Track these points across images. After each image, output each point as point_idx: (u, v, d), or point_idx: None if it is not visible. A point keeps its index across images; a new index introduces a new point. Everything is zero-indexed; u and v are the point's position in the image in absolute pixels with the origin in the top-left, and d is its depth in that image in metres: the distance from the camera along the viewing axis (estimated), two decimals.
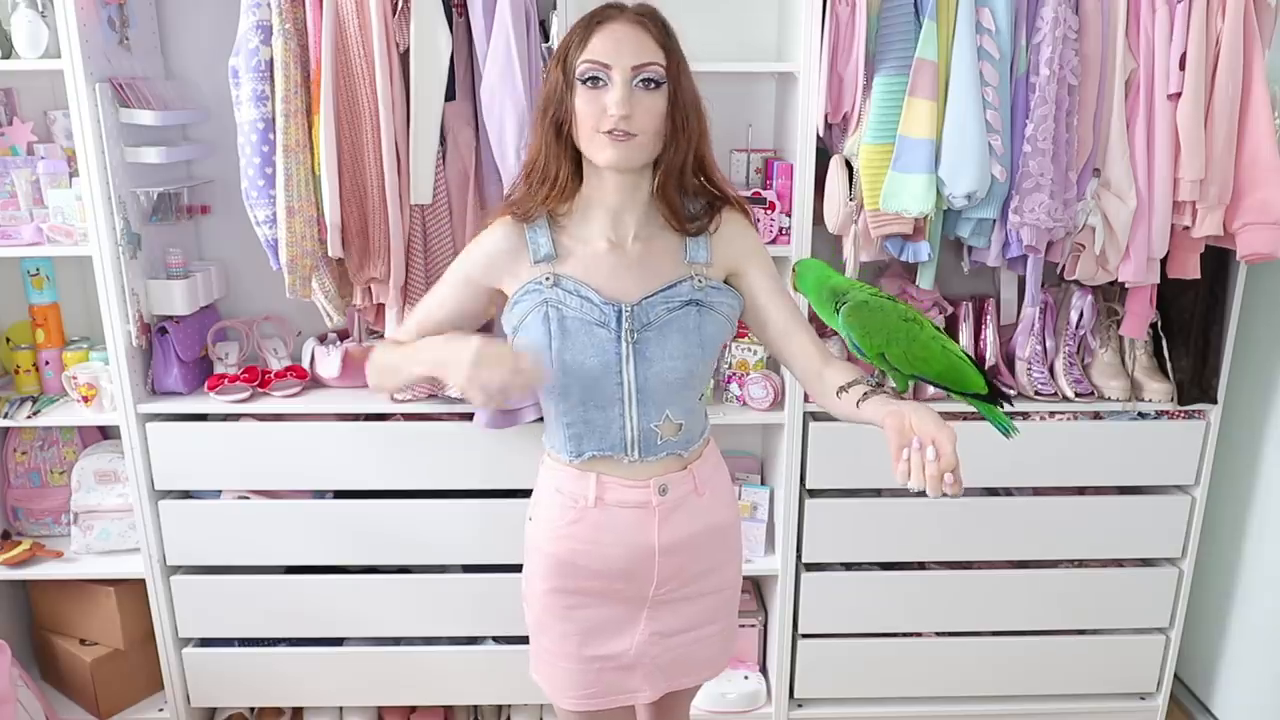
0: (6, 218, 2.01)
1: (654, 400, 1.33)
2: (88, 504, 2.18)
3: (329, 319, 2.00)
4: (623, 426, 1.34)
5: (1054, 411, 2.15)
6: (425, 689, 2.28)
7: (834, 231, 1.99)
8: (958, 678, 2.34)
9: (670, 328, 1.31)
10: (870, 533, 2.20)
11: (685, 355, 1.32)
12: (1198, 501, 2.21)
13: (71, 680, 2.31)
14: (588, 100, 1.24)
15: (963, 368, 1.24)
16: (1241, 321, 2.10)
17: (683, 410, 1.37)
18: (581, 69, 1.24)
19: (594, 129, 1.24)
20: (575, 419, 1.35)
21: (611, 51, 1.23)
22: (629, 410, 1.33)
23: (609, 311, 1.30)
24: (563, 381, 1.31)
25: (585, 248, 1.34)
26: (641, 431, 1.34)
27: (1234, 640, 2.36)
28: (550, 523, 1.40)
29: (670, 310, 1.32)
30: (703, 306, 1.34)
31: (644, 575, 1.39)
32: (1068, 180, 1.90)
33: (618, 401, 1.33)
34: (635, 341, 1.30)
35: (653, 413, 1.34)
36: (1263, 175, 1.86)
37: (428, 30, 1.78)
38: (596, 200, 1.33)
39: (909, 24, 1.84)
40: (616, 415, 1.33)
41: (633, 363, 1.31)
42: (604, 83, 1.23)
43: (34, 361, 2.20)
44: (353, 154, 1.84)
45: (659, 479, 1.37)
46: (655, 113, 1.24)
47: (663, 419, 1.35)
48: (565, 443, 1.37)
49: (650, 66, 1.23)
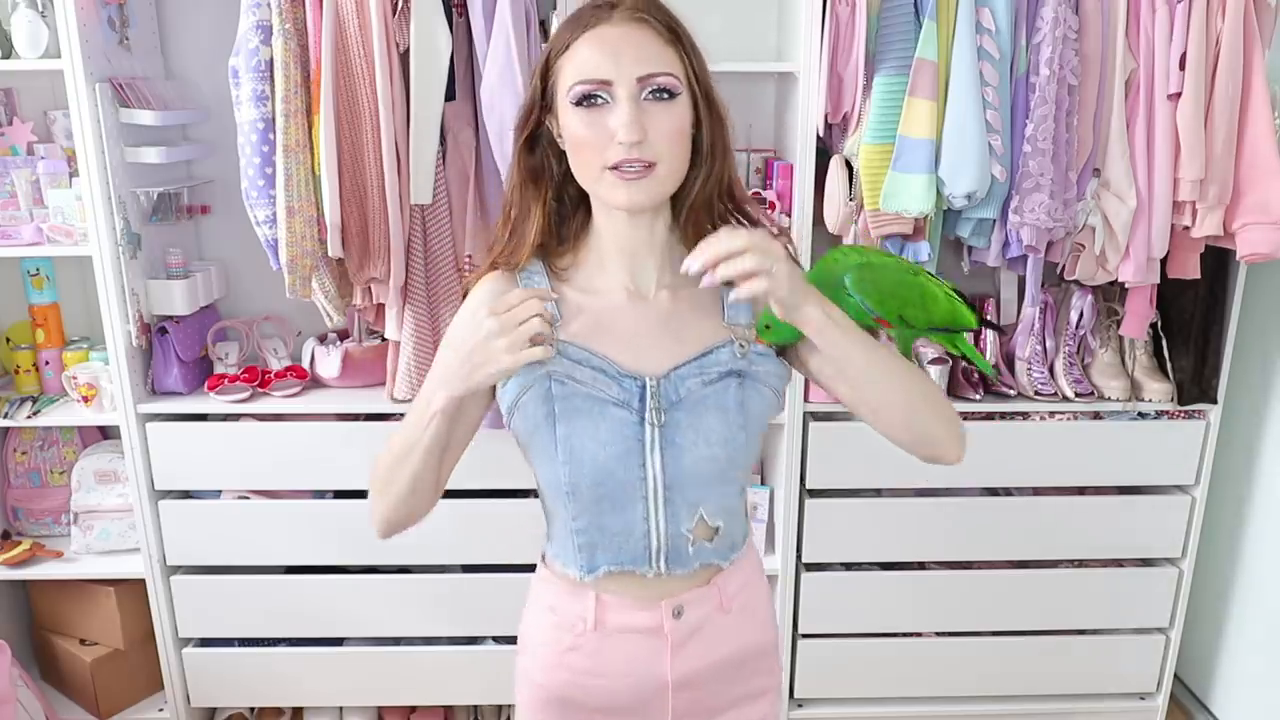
0: (6, 218, 2.01)
1: (685, 498, 1.06)
2: (88, 504, 2.18)
3: (329, 319, 2.00)
4: (646, 533, 1.07)
5: (1054, 411, 2.15)
6: (425, 689, 2.28)
7: (834, 231, 1.99)
8: (958, 678, 2.34)
9: (705, 406, 1.05)
10: (870, 533, 2.20)
11: (725, 440, 1.05)
12: (1197, 501, 2.21)
13: (71, 680, 2.31)
14: (587, 124, 0.98)
15: (960, 309, 1.10)
16: (1241, 321, 2.10)
17: (720, 508, 1.09)
18: (575, 92, 0.98)
19: (599, 163, 0.99)
20: (587, 525, 1.08)
21: (609, 62, 0.97)
22: (654, 512, 1.06)
23: (630, 387, 1.04)
24: (569, 477, 1.05)
25: (597, 301, 1.08)
26: (670, 539, 1.07)
27: (1234, 640, 2.36)
28: (542, 649, 1.15)
29: (706, 384, 1.05)
30: (746, 378, 1.06)
31: (655, 713, 1.14)
32: (1068, 180, 1.90)
33: (640, 501, 1.05)
34: (662, 424, 1.04)
35: (684, 514, 1.07)
36: (1262, 175, 1.86)
37: (428, 30, 1.78)
38: (607, 241, 1.08)
39: (909, 24, 1.84)
40: (639, 519, 1.06)
41: (659, 451, 1.04)
42: (604, 101, 0.98)
43: (34, 361, 2.20)
44: (353, 154, 1.84)
45: (673, 600, 1.10)
46: (675, 131, 0.99)
47: (696, 521, 1.08)
48: (574, 554, 1.10)
49: (660, 76, 0.98)
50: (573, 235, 1.11)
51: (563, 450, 1.04)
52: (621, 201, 1.00)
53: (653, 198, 1.01)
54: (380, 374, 2.13)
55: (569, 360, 1.04)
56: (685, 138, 1.01)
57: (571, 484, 1.05)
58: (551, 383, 1.04)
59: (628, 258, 1.08)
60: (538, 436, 1.05)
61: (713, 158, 1.05)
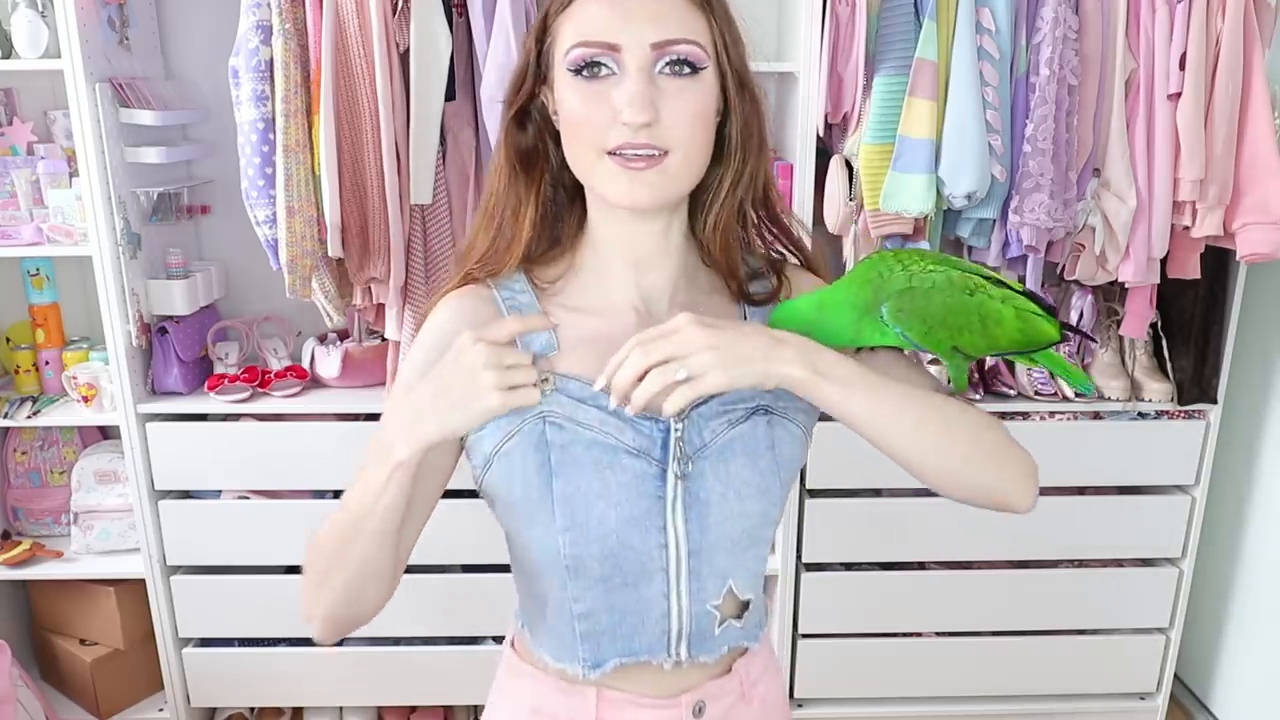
0: (6, 218, 2.01)
1: (713, 567, 0.86)
2: (88, 504, 2.18)
3: (329, 319, 2.00)
4: (666, 613, 0.86)
5: (1054, 411, 2.15)
6: (425, 689, 2.28)
7: (834, 232, 1.99)
8: (958, 678, 2.34)
9: (733, 451, 0.85)
10: (870, 533, 2.20)
11: (759, 492, 0.86)
12: (1197, 501, 2.21)
13: (71, 680, 2.31)
14: (585, 98, 0.79)
15: (1034, 324, 0.86)
16: (1241, 321, 2.10)
17: (752, 577, 0.90)
18: (573, 56, 0.79)
19: (597, 147, 0.79)
20: (593, 608, 0.86)
21: (618, 21, 0.78)
22: (676, 587, 0.85)
23: (650, 431, 0.83)
24: (572, 548, 0.83)
25: (599, 324, 0.86)
26: (694, 619, 0.87)
27: (1234, 640, 2.36)
28: None
29: (732, 424, 0.85)
30: (773, 414, 0.88)
31: None
32: (1068, 180, 1.90)
33: (659, 574, 0.85)
34: (685, 476, 0.83)
35: (710, 587, 0.87)
36: (1262, 175, 1.86)
37: (428, 30, 1.78)
38: (608, 248, 0.88)
39: (909, 24, 1.84)
40: (657, 597, 0.85)
41: (681, 510, 0.84)
42: (609, 72, 0.79)
43: (34, 361, 2.20)
44: (353, 154, 1.84)
45: (693, 693, 0.90)
46: (695, 114, 0.80)
47: (724, 594, 0.88)
48: (574, 646, 0.88)
49: (681, 44, 0.78)
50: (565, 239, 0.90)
51: (563, 514, 0.82)
52: (621, 196, 0.80)
53: (660, 195, 0.81)
54: (380, 374, 2.13)
55: (569, 399, 0.82)
56: (708, 124, 0.82)
57: (575, 557, 0.83)
58: (546, 426, 0.82)
59: (634, 270, 0.87)
60: (526, 496, 0.83)
61: (744, 153, 0.85)
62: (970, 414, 0.84)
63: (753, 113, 0.85)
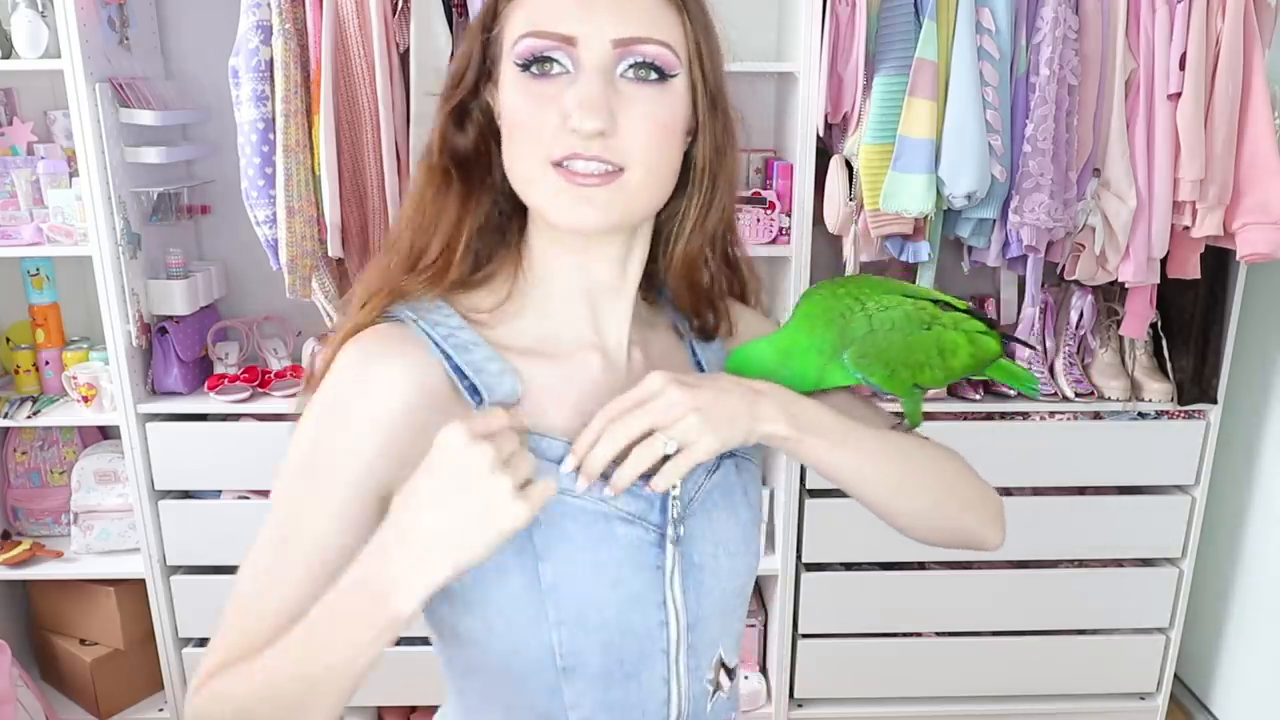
0: (6, 218, 2.01)
1: (706, 638, 0.76)
2: (88, 504, 2.18)
3: (329, 319, 2.00)
4: (666, 700, 0.75)
5: (1054, 411, 2.15)
6: (425, 689, 2.28)
7: (834, 231, 1.99)
8: (958, 678, 2.33)
9: (714, 504, 0.76)
10: (870, 533, 2.17)
11: (744, 548, 0.78)
12: (1197, 501, 2.21)
13: (71, 680, 2.31)
14: (531, 97, 0.67)
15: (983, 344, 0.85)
16: (1241, 321, 2.10)
17: (735, 640, 0.81)
18: (521, 48, 0.67)
19: (541, 156, 0.67)
20: (591, 712, 0.73)
21: (576, 11, 0.66)
22: (676, 669, 0.75)
23: (648, 495, 0.71)
24: (569, 644, 0.70)
25: (556, 371, 0.73)
26: (692, 698, 0.76)
27: (1234, 640, 2.36)
28: None
29: (708, 473, 0.77)
30: (738, 457, 0.80)
31: None
32: (1068, 180, 1.90)
33: (660, 657, 0.73)
34: (678, 541, 0.73)
35: (705, 660, 0.77)
36: (1262, 175, 1.86)
37: (428, 30, 1.78)
38: (555, 277, 0.75)
39: (909, 24, 1.84)
40: (658, 683, 0.74)
41: (679, 580, 0.73)
42: (562, 70, 0.67)
43: (34, 361, 2.20)
44: (353, 154, 1.84)
45: None
46: (660, 125, 0.68)
47: (714, 667, 0.78)
48: None
49: (648, 44, 0.66)
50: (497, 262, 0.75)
51: (554, 605, 0.68)
52: (561, 215, 0.67)
53: (609, 218, 0.67)
54: None
55: (545, 460, 0.69)
56: (675, 140, 0.70)
57: (572, 654, 0.70)
58: None
59: (586, 304, 0.75)
60: (499, 584, 0.68)
61: (714, 181, 0.74)
62: (936, 452, 0.82)
63: (725, 136, 0.73)
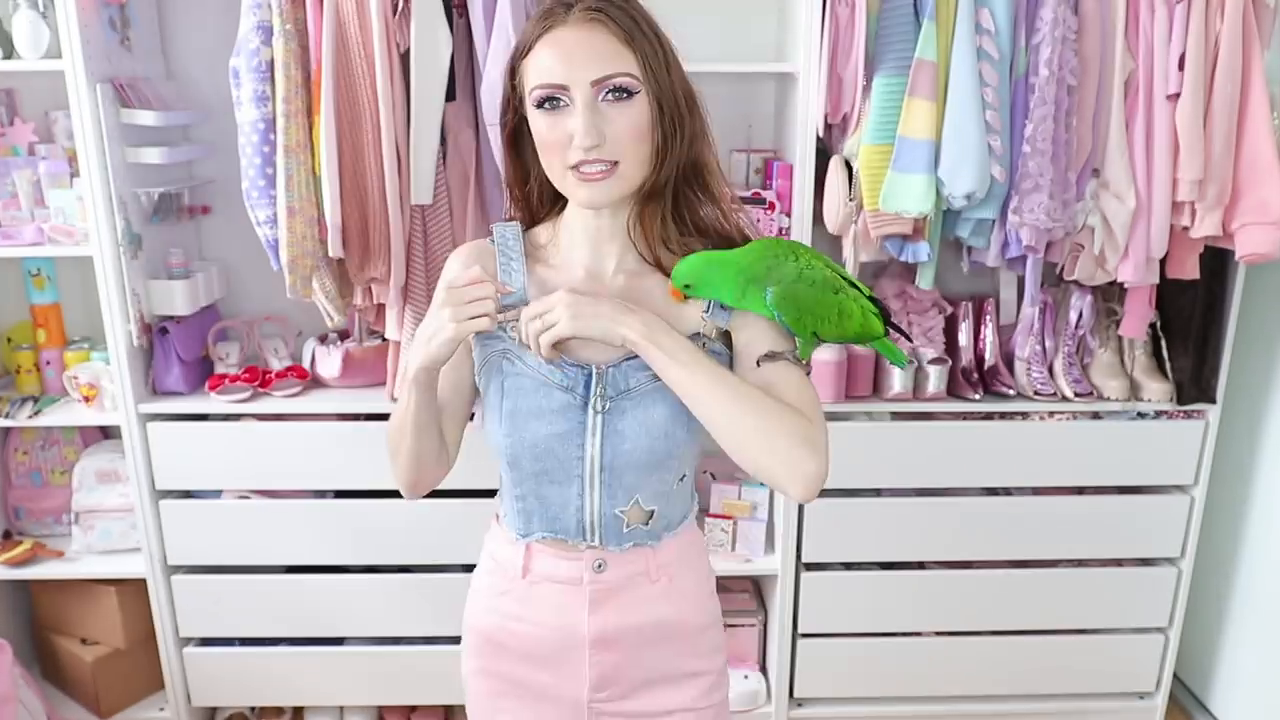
0: (8, 218, 2.01)
1: (621, 483, 1.11)
2: (89, 504, 2.18)
3: (330, 319, 2.00)
4: (580, 509, 1.12)
5: (1053, 411, 2.15)
6: (425, 689, 2.28)
7: (834, 232, 1.99)
8: (958, 678, 2.34)
9: (654, 400, 1.08)
10: (870, 533, 2.21)
11: (667, 435, 1.09)
12: (1197, 501, 2.21)
13: (72, 679, 2.31)
14: (549, 126, 1.02)
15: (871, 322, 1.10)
16: (1241, 321, 2.10)
17: (656, 495, 1.13)
18: (535, 96, 1.02)
19: (562, 163, 1.03)
20: (526, 492, 1.14)
21: (563, 67, 0.99)
22: (590, 491, 1.11)
23: (574, 375, 1.08)
24: (511, 449, 1.10)
25: (556, 279, 1.12)
26: (602, 517, 1.12)
27: (1233, 640, 2.36)
28: (481, 593, 1.24)
29: (655, 378, 1.07)
30: None
31: (573, 671, 1.17)
32: (1067, 180, 1.90)
33: (576, 480, 1.11)
34: (606, 411, 1.08)
35: (620, 496, 1.11)
36: (1261, 175, 1.87)
37: (428, 30, 1.78)
38: (577, 227, 1.13)
39: (909, 24, 1.84)
40: (574, 495, 1.11)
41: (599, 437, 1.08)
42: (565, 104, 1.01)
43: (35, 361, 2.20)
44: (353, 154, 1.84)
45: (598, 552, 1.14)
46: (634, 129, 1.01)
47: (630, 504, 1.12)
48: (514, 517, 1.17)
49: (616, 78, 1.00)
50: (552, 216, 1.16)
51: (506, 423, 1.09)
52: (583, 200, 1.05)
53: (613, 195, 1.05)
54: (381, 374, 2.14)
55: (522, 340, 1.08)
56: (645, 135, 1.03)
57: (513, 455, 1.11)
58: (504, 360, 1.10)
59: (591, 243, 1.12)
60: (490, 406, 1.12)
61: (667, 147, 1.04)
62: (769, 405, 1.03)
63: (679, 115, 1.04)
